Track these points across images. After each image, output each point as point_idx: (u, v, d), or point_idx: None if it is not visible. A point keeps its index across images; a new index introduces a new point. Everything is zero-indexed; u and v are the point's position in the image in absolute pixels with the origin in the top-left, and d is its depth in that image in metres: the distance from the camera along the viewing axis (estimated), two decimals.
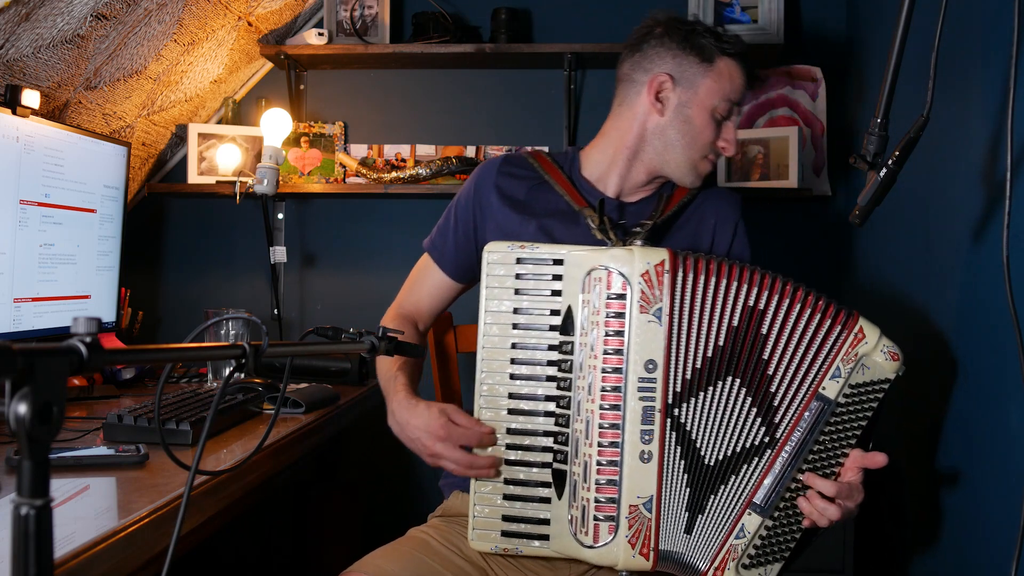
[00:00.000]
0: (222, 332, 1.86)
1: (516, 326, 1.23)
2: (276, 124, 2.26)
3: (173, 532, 0.83)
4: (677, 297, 1.19)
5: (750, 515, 1.19)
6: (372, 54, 2.31)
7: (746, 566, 1.20)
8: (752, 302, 1.19)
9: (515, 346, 1.23)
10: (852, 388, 1.19)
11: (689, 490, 1.19)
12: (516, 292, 1.23)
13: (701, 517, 1.20)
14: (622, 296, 1.19)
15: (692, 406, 1.19)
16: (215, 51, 2.19)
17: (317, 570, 2.14)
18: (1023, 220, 1.25)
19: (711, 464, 1.20)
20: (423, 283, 1.53)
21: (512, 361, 1.23)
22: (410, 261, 1.56)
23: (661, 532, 1.19)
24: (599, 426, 1.18)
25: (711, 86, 1.38)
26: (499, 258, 1.24)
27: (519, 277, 1.23)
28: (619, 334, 1.18)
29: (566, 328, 1.21)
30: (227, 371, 1.75)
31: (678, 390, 1.19)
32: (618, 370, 1.18)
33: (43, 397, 0.55)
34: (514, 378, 1.23)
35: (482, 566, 1.30)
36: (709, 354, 1.19)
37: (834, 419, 1.19)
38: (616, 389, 1.18)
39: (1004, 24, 1.34)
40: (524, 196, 1.44)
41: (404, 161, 2.42)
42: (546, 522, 1.21)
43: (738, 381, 1.20)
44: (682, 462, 1.19)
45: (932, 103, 1.15)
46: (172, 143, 2.44)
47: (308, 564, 2.18)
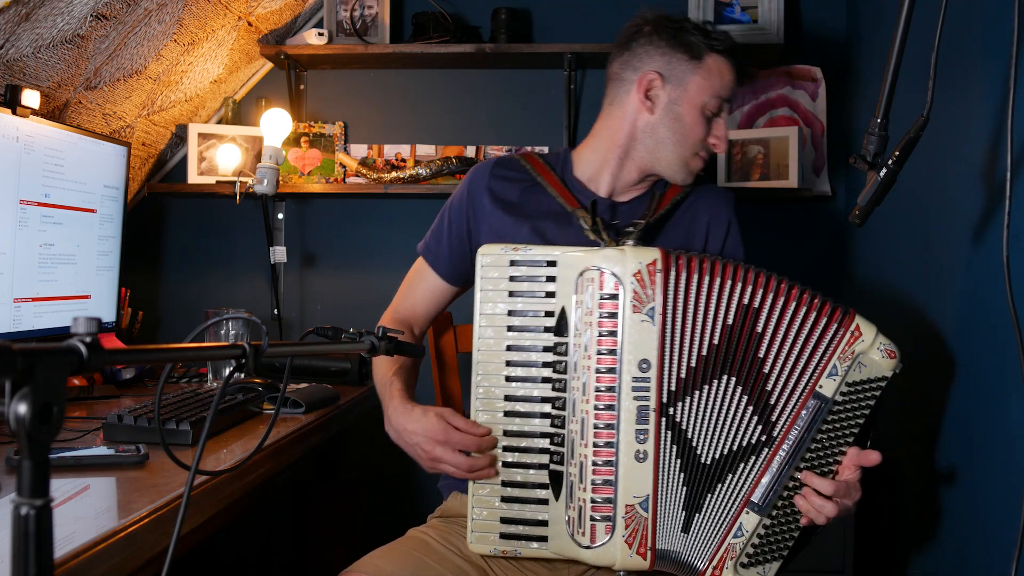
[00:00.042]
0: (222, 332, 1.86)
1: (511, 328, 1.23)
2: (276, 124, 2.26)
3: (173, 532, 0.83)
4: (670, 296, 1.18)
5: (748, 514, 1.19)
6: (372, 54, 2.31)
7: (744, 565, 1.20)
8: (747, 300, 1.19)
9: (510, 348, 1.23)
10: (849, 386, 1.19)
11: (686, 489, 1.19)
12: (510, 294, 1.23)
13: (698, 516, 1.20)
14: (615, 296, 1.19)
15: (688, 405, 1.19)
16: (215, 51, 2.19)
17: (317, 570, 2.14)
18: (1023, 220, 1.25)
19: (708, 463, 1.20)
20: (418, 287, 1.52)
21: (507, 363, 1.23)
22: (410, 261, 1.56)
23: (658, 531, 1.19)
24: (594, 426, 1.18)
25: (700, 83, 1.38)
26: (493, 261, 1.24)
27: (513, 279, 1.23)
28: (612, 334, 1.18)
29: (560, 329, 1.21)
30: (227, 371, 1.75)
31: (673, 389, 1.19)
32: (612, 370, 1.18)
33: (43, 397, 0.55)
34: (510, 380, 1.23)
35: (481, 566, 1.30)
36: (704, 353, 1.19)
37: (831, 417, 1.19)
38: (610, 389, 1.18)
39: (1004, 24, 1.34)
40: (517, 198, 1.44)
41: (404, 161, 2.42)
42: (544, 523, 1.21)
43: (734, 380, 1.19)
44: (678, 461, 1.19)
45: (932, 103, 1.15)
46: (172, 143, 2.44)
47: (308, 564, 2.19)
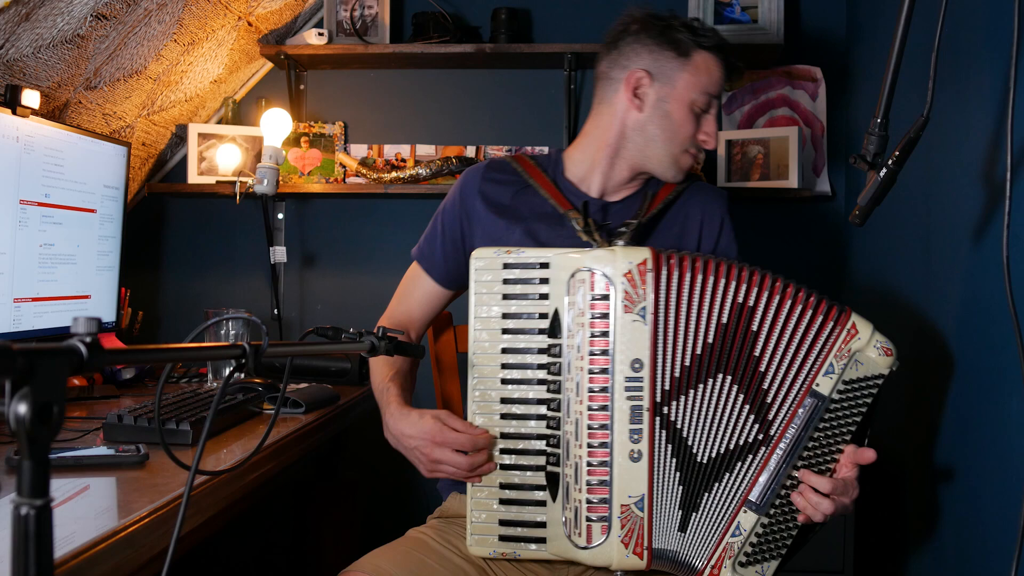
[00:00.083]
0: (222, 332, 1.86)
1: (506, 331, 1.23)
2: (276, 124, 2.26)
3: (173, 532, 0.83)
4: (662, 296, 1.18)
5: (746, 513, 1.19)
6: (372, 54, 2.31)
7: (743, 564, 1.20)
8: (741, 299, 1.19)
9: (505, 351, 1.23)
10: (846, 384, 1.19)
11: (682, 488, 1.19)
12: (504, 297, 1.23)
13: (695, 515, 1.20)
14: (606, 297, 1.18)
15: (683, 404, 1.19)
16: (215, 51, 2.19)
17: (317, 570, 2.14)
18: (1023, 220, 1.25)
19: (704, 462, 1.19)
20: (413, 292, 1.52)
21: (503, 366, 1.23)
22: (410, 261, 1.56)
23: (654, 531, 1.18)
24: (588, 427, 1.18)
25: (688, 80, 1.37)
26: (486, 264, 1.24)
27: (507, 282, 1.23)
28: (604, 335, 1.18)
29: (554, 331, 1.21)
30: (227, 371, 1.75)
31: (667, 388, 1.19)
32: (605, 370, 1.18)
33: (43, 397, 0.55)
34: (505, 383, 1.23)
35: (481, 566, 1.30)
36: (698, 352, 1.19)
37: (828, 415, 1.19)
38: (604, 390, 1.18)
39: (1004, 24, 1.34)
40: (509, 201, 1.44)
41: (404, 161, 2.42)
42: (542, 525, 1.21)
43: (730, 378, 1.19)
44: (673, 460, 1.19)
45: (932, 103, 1.15)
46: (172, 143, 2.44)
47: (308, 564, 2.19)
